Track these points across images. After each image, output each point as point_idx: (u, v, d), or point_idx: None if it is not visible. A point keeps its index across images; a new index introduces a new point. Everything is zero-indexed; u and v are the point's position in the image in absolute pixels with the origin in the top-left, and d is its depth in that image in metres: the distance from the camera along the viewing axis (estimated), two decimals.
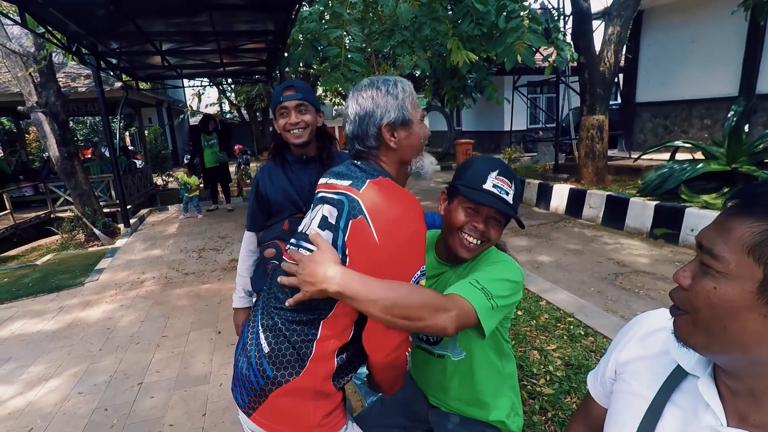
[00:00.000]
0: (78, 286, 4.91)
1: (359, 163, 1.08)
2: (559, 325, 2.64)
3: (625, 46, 6.74)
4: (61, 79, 8.34)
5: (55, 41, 5.64)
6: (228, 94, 16.68)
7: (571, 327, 2.57)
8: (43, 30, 5.33)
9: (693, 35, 7.83)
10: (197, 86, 15.23)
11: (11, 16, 4.91)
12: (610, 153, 7.37)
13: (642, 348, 0.75)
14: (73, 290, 4.81)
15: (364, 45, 5.31)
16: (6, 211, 8.35)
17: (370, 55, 5.49)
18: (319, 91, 14.47)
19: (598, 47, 6.50)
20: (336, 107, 19.29)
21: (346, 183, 1.01)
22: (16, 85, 7.65)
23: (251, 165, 13.03)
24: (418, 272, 0.95)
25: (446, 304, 0.93)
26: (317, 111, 1.68)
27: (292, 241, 1.12)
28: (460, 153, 12.65)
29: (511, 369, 1.29)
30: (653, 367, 0.71)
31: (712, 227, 0.57)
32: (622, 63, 7.97)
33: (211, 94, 23.06)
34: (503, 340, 1.25)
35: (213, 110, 20.69)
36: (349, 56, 4.64)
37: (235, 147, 11.79)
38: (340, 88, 4.78)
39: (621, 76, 9.03)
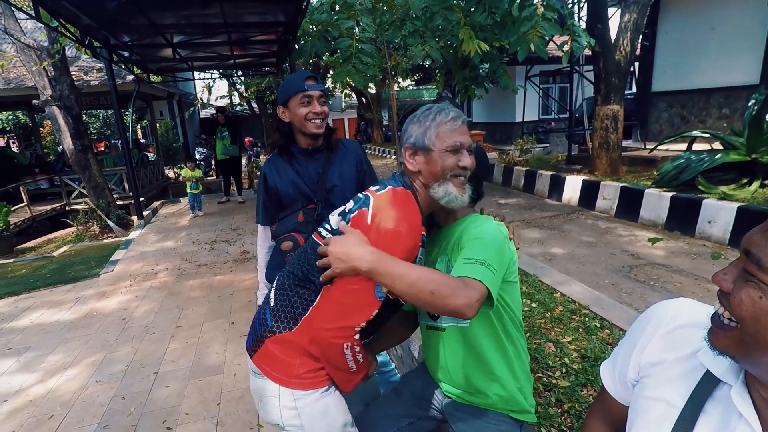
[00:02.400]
0: (94, 278, 4.99)
1: (398, 175, 1.23)
2: (573, 317, 2.61)
3: (641, 34, 6.57)
4: (74, 73, 8.42)
5: (68, 35, 5.68)
6: (238, 86, 16.71)
7: (587, 319, 2.54)
8: (57, 23, 5.37)
9: (713, 21, 7.61)
10: (207, 79, 15.27)
11: (26, 10, 4.94)
12: (624, 144, 7.24)
13: (665, 349, 0.70)
14: (89, 281, 4.89)
15: (375, 36, 5.26)
16: (23, 204, 8.50)
17: (381, 46, 5.44)
18: (329, 83, 14.42)
19: (613, 35, 6.36)
20: (346, 99, 19.23)
21: (375, 188, 1.17)
22: (31, 79, 7.75)
23: (261, 157, 13.07)
24: None
25: (467, 285, 0.99)
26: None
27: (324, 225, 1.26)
28: None
29: (516, 352, 1.29)
30: (680, 372, 0.67)
31: (761, 234, 0.53)
32: (638, 51, 7.78)
33: (222, 86, 23.16)
34: (510, 322, 1.26)
35: (223, 103, 20.77)
36: (361, 47, 4.60)
37: (246, 139, 11.82)
38: (351, 81, 4.74)
39: (636, 64, 8.82)
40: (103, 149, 15.24)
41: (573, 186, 6.58)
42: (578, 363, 2.08)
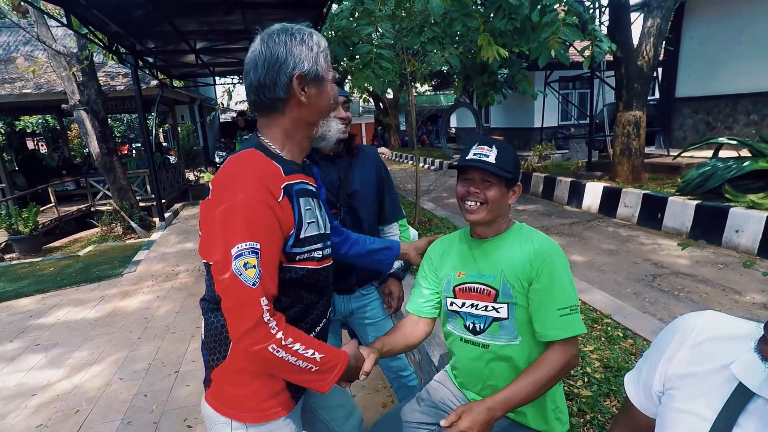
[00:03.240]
0: (117, 277, 5.11)
1: (250, 135, 1.10)
2: (595, 326, 2.56)
3: (665, 39, 6.45)
4: (101, 78, 8.68)
5: (96, 41, 5.87)
6: None
7: (609, 328, 2.49)
8: (86, 31, 5.55)
9: (741, 26, 7.42)
10: (228, 84, 15.55)
11: (58, 18, 5.13)
12: (646, 150, 7.10)
13: (693, 362, 0.69)
14: (113, 281, 5.02)
15: (394, 42, 5.29)
16: (51, 205, 8.78)
17: (400, 52, 5.47)
18: (346, 87, 14.53)
19: (635, 40, 6.27)
20: (364, 104, 19.34)
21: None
22: (61, 84, 8.02)
23: None
24: (245, 246, 0.88)
25: (566, 359, 1.12)
26: None
27: None
28: None
29: None
30: (709, 384, 0.66)
31: None
32: (661, 56, 7.63)
33: (241, 91, 23.57)
34: None
35: (243, 107, 21.12)
36: (380, 53, 4.63)
37: None
38: (371, 86, 4.78)
39: (660, 70, 8.66)
40: (126, 152, 15.65)
41: (593, 193, 6.48)
42: (600, 373, 2.05)
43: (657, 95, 10.09)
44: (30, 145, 18.50)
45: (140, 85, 7.49)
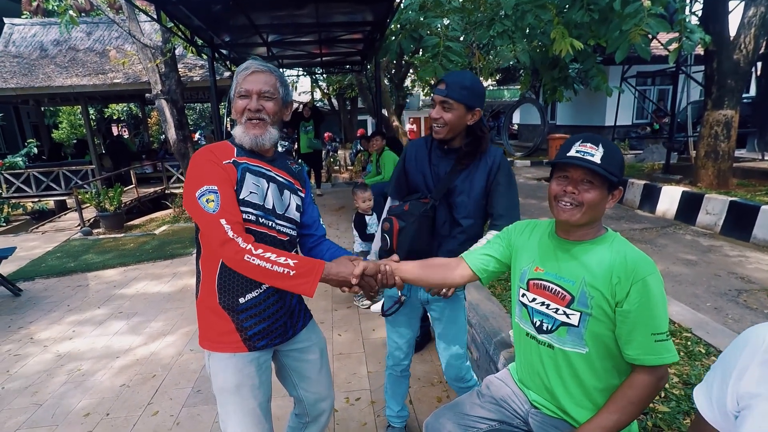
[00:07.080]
0: (187, 256, 5.48)
1: None
2: (674, 340, 2.37)
3: None
4: (180, 70, 9.28)
5: (179, 35, 6.28)
6: (320, 83, 17.39)
7: (689, 343, 2.29)
8: (172, 24, 5.95)
9: None
10: (293, 75, 16.05)
11: (149, 14, 5.55)
12: (737, 153, 6.46)
13: (764, 379, 0.65)
14: (184, 259, 5.38)
15: (462, 37, 5.18)
16: (131, 186, 9.57)
17: (468, 45, 5.35)
18: (407, 82, 14.46)
19: (732, 32, 5.69)
20: (425, 97, 19.22)
21: None
22: (145, 75, 8.67)
23: (339, 152, 13.51)
24: (205, 189, 1.22)
25: (657, 384, 1.11)
26: (468, 108, 1.59)
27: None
28: (553, 149, 11.99)
29: None
30: None
31: None
32: (762, 49, 6.86)
33: (304, 82, 24.30)
34: (625, 362, 1.17)
35: (306, 98, 21.76)
36: (448, 45, 4.56)
37: (325, 134, 12.27)
38: (433, 80, 4.72)
39: (759, 64, 7.80)
40: (195, 139, 16.66)
41: (670, 197, 6.00)
42: (679, 389, 1.90)
43: (752, 92, 9.12)
44: (114, 130, 20.24)
45: (215, 77, 7.92)
